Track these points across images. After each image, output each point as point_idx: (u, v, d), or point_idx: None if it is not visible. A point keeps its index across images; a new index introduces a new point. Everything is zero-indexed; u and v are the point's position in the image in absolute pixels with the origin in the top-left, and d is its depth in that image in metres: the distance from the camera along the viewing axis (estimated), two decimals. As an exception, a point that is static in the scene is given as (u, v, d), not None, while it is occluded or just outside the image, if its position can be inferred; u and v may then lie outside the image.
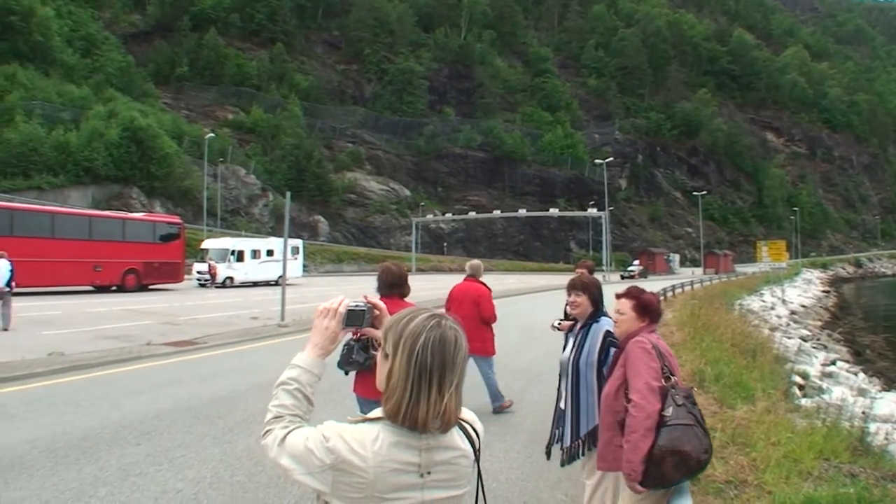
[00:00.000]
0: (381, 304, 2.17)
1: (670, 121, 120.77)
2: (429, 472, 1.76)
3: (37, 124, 54.43)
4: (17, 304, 22.07)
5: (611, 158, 78.64)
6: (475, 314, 8.57)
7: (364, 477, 1.70)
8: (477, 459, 1.89)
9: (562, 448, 4.69)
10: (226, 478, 6.14)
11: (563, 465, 4.70)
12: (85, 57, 73.41)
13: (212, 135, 64.69)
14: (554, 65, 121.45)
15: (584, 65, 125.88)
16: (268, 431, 1.86)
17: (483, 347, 8.66)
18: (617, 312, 4.03)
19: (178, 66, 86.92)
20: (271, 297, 28.73)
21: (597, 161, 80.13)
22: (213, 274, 38.21)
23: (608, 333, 4.49)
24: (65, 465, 6.45)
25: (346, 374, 4.87)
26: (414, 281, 6.22)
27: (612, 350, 4.33)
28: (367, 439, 1.73)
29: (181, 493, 5.72)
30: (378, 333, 1.99)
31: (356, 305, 2.08)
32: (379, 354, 1.85)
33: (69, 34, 73.25)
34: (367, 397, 4.75)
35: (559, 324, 5.90)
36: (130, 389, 10.19)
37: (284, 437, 1.81)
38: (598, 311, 4.70)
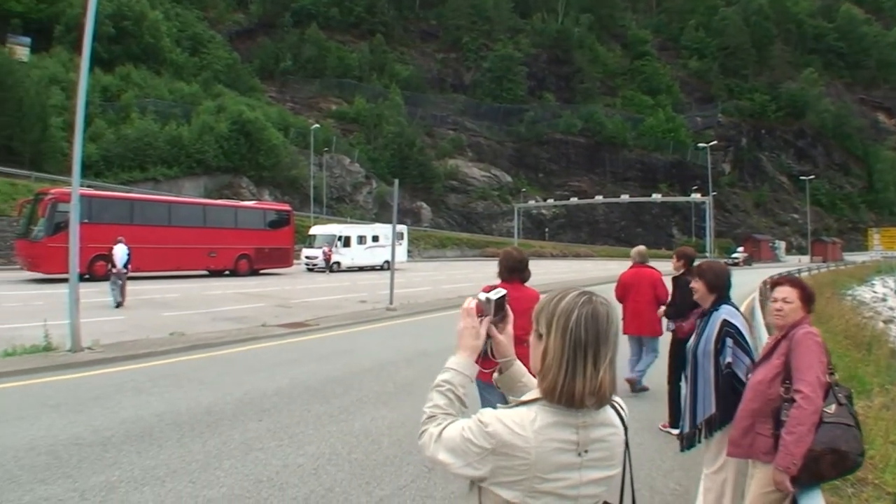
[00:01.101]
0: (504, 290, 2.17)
1: (775, 102, 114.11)
2: (586, 451, 1.78)
3: (151, 120, 57.90)
4: (139, 286, 23.78)
5: (714, 142, 75.44)
6: (652, 297, 8.82)
7: (526, 458, 1.72)
8: (626, 438, 1.90)
9: (681, 434, 4.60)
10: (343, 454, 6.22)
11: (682, 451, 4.63)
12: (193, 56, 77.22)
13: (316, 125, 66.44)
14: (653, 47, 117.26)
15: (685, 46, 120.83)
16: (423, 431, 1.91)
17: (655, 329, 8.88)
18: (782, 301, 3.85)
19: (281, 61, 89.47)
20: (378, 282, 29.19)
21: (699, 145, 77.16)
22: (327, 259, 38.89)
23: (725, 322, 4.38)
24: (190, 437, 6.64)
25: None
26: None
27: (728, 340, 4.29)
28: (525, 420, 1.76)
29: (301, 467, 5.83)
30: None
31: (497, 294, 2.09)
32: (532, 336, 1.88)
33: (177, 35, 77.10)
34: (488, 382, 4.60)
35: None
36: (249, 368, 10.44)
37: (440, 432, 1.85)
38: (719, 298, 4.63)
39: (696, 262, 4.84)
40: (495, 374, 2.23)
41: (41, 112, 47.94)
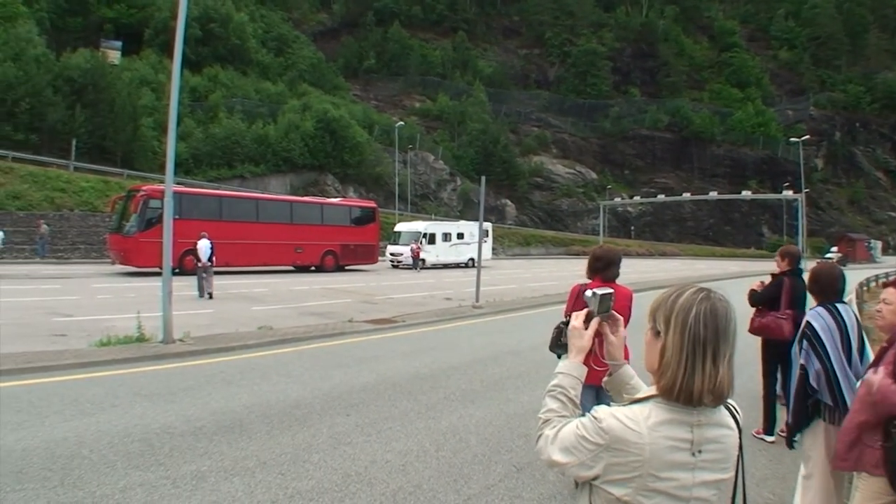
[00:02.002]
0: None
1: (871, 93, 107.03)
2: (700, 451, 1.76)
3: (238, 119, 60.17)
4: (228, 281, 24.50)
5: (806, 136, 71.70)
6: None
7: (639, 455, 1.71)
8: (740, 441, 1.87)
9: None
10: (431, 451, 6.13)
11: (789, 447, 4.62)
12: (278, 56, 79.45)
13: (401, 123, 66.90)
14: (742, 38, 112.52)
15: (774, 36, 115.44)
16: (539, 436, 1.92)
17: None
18: (882, 302, 3.80)
19: (365, 60, 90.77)
20: (463, 279, 29.25)
21: (791, 139, 74.04)
22: (415, 256, 38.86)
23: (806, 324, 4.34)
24: (279, 430, 6.63)
25: (559, 357, 4.48)
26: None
27: (805, 342, 4.25)
28: (639, 417, 1.75)
29: (389, 463, 5.77)
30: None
31: (603, 291, 2.07)
32: (647, 334, 1.87)
33: (263, 36, 79.68)
34: (592, 384, 4.44)
35: None
36: (336, 363, 10.44)
37: (556, 434, 1.86)
38: (822, 300, 4.56)
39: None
40: (605, 377, 2.21)
41: (132, 112, 50.42)
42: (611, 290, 2.09)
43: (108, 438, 6.15)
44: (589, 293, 2.06)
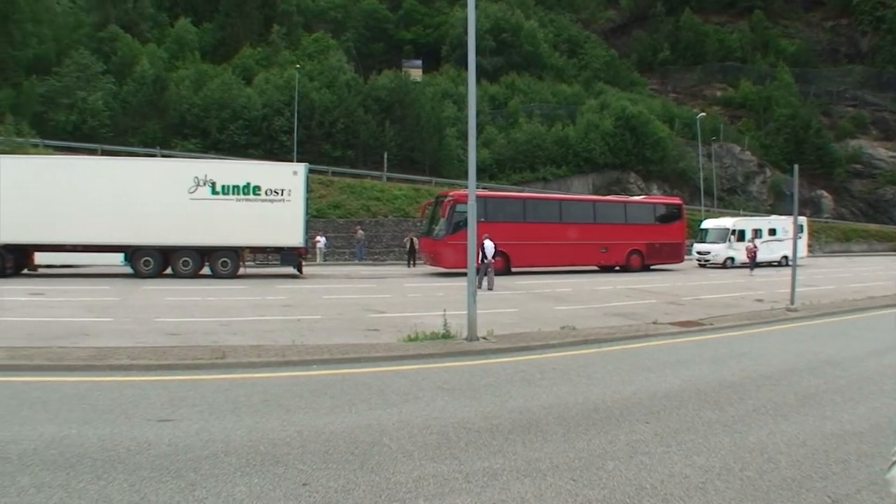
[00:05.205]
0: None
1: None
2: None
3: (537, 123, 61.89)
4: (531, 281, 25.59)
5: None
6: None
7: None
8: None
9: None
10: (735, 470, 5.53)
11: None
12: (571, 58, 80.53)
13: (702, 114, 63.82)
14: None
15: None
16: (893, 464, 1.75)
17: None
18: None
19: (659, 52, 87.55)
20: (775, 279, 27.28)
21: None
22: (751, 257, 35.16)
23: None
24: (576, 433, 6.44)
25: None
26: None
27: None
28: None
29: (688, 479, 5.31)
30: None
31: None
32: None
33: (554, 39, 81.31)
34: None
35: None
36: (639, 366, 10.09)
37: None
38: None
39: None
40: None
41: (437, 124, 55.51)
42: None
43: (407, 429, 6.46)
44: None
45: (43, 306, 16.30)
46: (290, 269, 27.17)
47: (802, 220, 42.29)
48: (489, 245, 22.48)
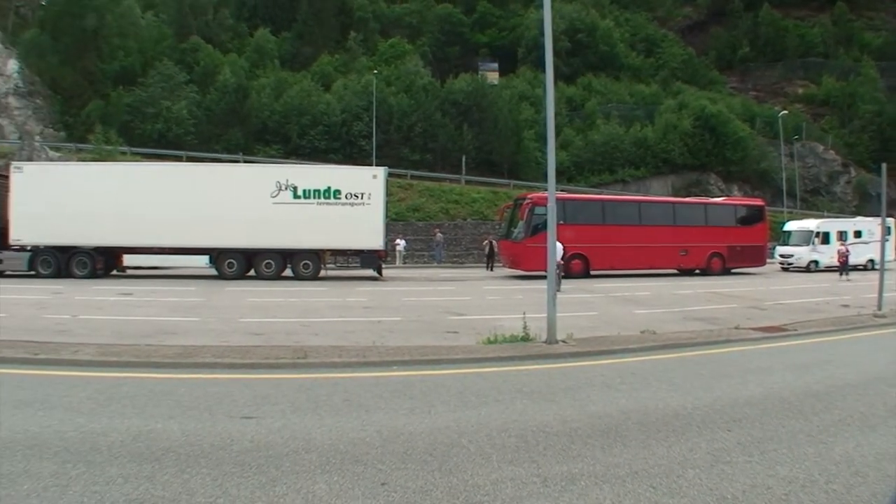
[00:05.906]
0: None
1: None
2: None
3: (615, 124, 60.94)
4: (612, 284, 25.41)
5: None
6: None
7: None
8: None
9: None
10: (820, 483, 5.35)
11: None
12: (648, 57, 78.69)
13: (784, 112, 61.93)
14: None
15: None
16: None
17: None
18: None
19: (738, 49, 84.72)
20: (861, 284, 26.41)
21: None
22: (842, 261, 33.04)
23: None
24: (656, 440, 6.39)
25: None
26: None
27: None
28: None
29: (770, 490, 5.17)
30: None
31: None
32: None
33: (630, 39, 79.87)
34: None
35: None
36: (720, 372, 9.93)
37: None
38: None
39: None
40: None
41: (514, 127, 55.23)
42: None
43: (486, 431, 6.50)
44: None
45: (131, 305, 17.13)
46: (370, 272, 27.63)
47: (890, 221, 40.37)
48: (558, 247, 22.20)
